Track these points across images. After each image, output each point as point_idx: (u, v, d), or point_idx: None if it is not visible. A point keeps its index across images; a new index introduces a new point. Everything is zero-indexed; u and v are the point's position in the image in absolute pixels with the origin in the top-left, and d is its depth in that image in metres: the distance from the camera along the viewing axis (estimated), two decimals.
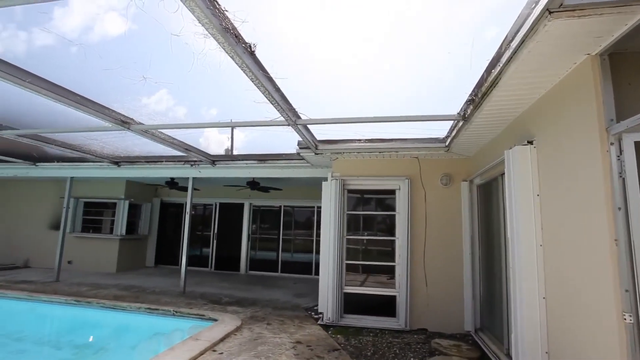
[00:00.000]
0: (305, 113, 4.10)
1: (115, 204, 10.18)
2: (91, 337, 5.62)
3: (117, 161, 7.73)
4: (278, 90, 3.45)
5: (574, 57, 2.40)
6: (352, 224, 5.86)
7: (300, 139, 5.11)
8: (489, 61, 2.79)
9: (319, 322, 5.37)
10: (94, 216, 10.56)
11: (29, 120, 5.06)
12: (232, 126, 4.84)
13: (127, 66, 3.36)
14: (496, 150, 4.08)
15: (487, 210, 4.82)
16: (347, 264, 5.65)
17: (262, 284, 8.66)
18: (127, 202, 10.11)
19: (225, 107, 4.40)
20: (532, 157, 3.14)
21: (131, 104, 4.32)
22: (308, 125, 4.62)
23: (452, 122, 4.29)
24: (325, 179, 5.88)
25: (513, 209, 3.18)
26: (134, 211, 10.57)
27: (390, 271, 5.62)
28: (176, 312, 5.65)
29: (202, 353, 3.84)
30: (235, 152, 6.72)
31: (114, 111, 4.37)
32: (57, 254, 8.30)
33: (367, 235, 5.94)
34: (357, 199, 6.00)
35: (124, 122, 4.60)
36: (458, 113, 3.84)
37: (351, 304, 5.53)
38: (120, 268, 9.95)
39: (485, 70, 2.93)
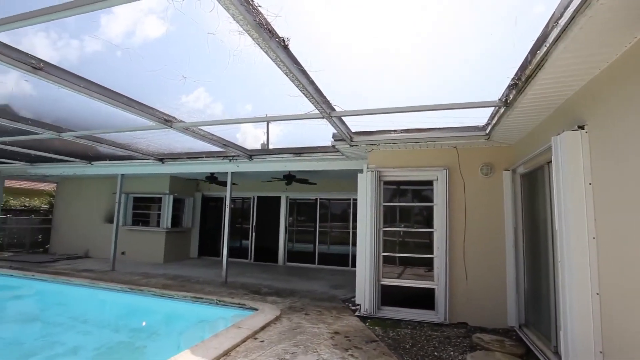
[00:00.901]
0: (339, 105, 4.09)
1: (160, 198, 10.81)
2: (144, 322, 6.05)
3: (161, 158, 8.18)
4: (312, 83, 3.46)
5: (634, 31, 2.18)
6: (389, 216, 5.80)
7: (335, 131, 5.10)
8: (534, 41, 2.61)
9: (356, 313, 5.39)
10: (143, 210, 11.28)
11: (84, 123, 5.48)
12: (268, 120, 4.94)
13: (167, 66, 3.53)
14: (541, 136, 3.84)
15: (531, 200, 4.56)
16: (384, 256, 5.61)
17: (300, 276, 8.83)
18: (171, 197, 10.70)
19: (260, 102, 4.49)
20: (583, 142, 2.91)
21: (172, 103, 4.54)
22: (343, 117, 4.60)
23: (492, 108, 4.08)
24: (361, 171, 5.84)
25: (562, 199, 2.98)
26: (177, 205, 11.17)
27: (428, 263, 5.51)
28: (219, 301, 5.93)
29: (244, 340, 4.01)
30: (271, 146, 6.86)
31: (157, 110, 4.62)
32: (112, 245, 8.99)
33: (404, 227, 5.85)
34: (393, 190, 5.91)
35: (167, 121, 4.84)
36: (499, 99, 3.64)
37: (388, 296, 5.50)
38: (167, 259, 10.59)
39: (530, 52, 2.74)
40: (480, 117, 4.46)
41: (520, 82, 3.08)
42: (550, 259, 3.74)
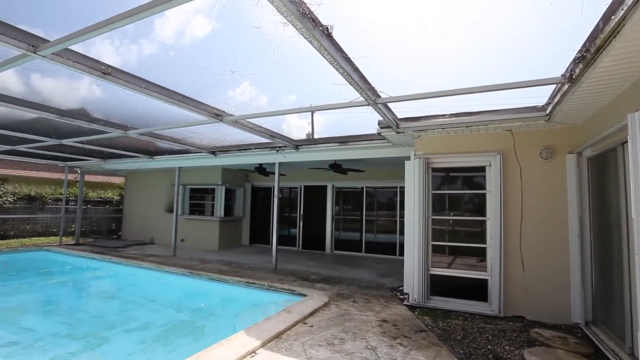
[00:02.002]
0: (384, 91, 4.01)
1: (214, 189, 11.46)
2: (202, 304, 6.52)
3: (213, 151, 8.64)
4: (356, 70, 3.42)
5: None
6: (437, 204, 5.60)
7: (381, 119, 5.01)
8: (608, 5, 2.32)
9: (405, 302, 5.34)
10: (198, 200, 12.05)
11: (145, 121, 5.95)
12: (312, 110, 4.98)
13: (216, 63, 3.69)
14: (614, 114, 3.44)
15: (601, 186, 4.14)
16: (432, 245, 5.46)
17: (347, 264, 8.91)
18: (223, 188, 11.29)
19: (304, 93, 4.54)
20: None
21: (221, 98, 4.76)
22: (388, 104, 4.50)
23: (554, 86, 3.74)
24: (408, 158, 5.69)
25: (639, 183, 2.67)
26: (229, 195, 11.76)
27: (480, 253, 5.26)
28: (270, 286, 6.20)
29: (294, 324, 4.17)
30: (316, 136, 6.92)
31: (208, 106, 4.87)
32: (172, 233, 9.75)
33: (453, 215, 5.62)
34: (442, 177, 5.69)
35: (217, 115, 5.09)
36: (562, 75, 3.32)
37: (438, 285, 5.36)
38: (221, 246, 11.25)
39: (602, 19, 2.45)
40: (538, 96, 4.11)
41: (589, 54, 2.78)
42: (624, 251, 3.39)
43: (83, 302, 6.82)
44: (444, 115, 4.98)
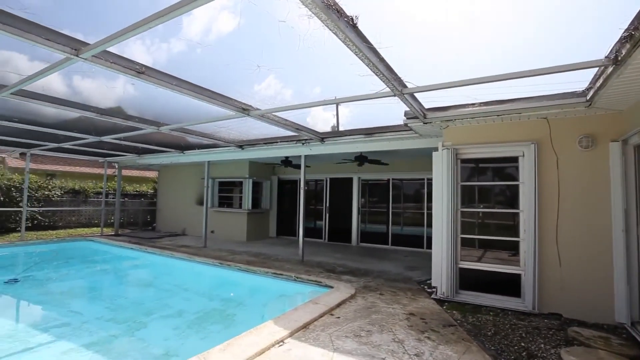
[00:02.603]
0: (411, 81, 3.92)
1: (241, 182, 11.73)
2: (232, 293, 6.75)
3: (241, 145, 8.83)
4: (382, 60, 3.37)
5: None
6: (467, 196, 5.44)
7: (407, 109, 4.92)
8: None
9: (433, 296, 5.27)
10: (227, 193, 12.39)
11: (176, 117, 6.15)
12: (337, 102, 4.96)
13: (242, 58, 3.75)
14: None
15: None
16: (462, 238, 5.33)
17: (373, 256, 8.89)
18: (251, 180, 11.53)
19: (329, 85, 4.53)
20: None
21: (247, 92, 4.83)
22: (415, 94, 4.41)
23: (595, 69, 3.50)
24: (436, 149, 5.56)
25: None
26: (256, 188, 12.00)
27: (512, 247, 5.08)
28: (297, 277, 6.30)
29: (321, 315, 4.23)
30: (341, 128, 6.89)
31: (235, 100, 4.97)
32: (203, 225, 10.10)
33: (484, 207, 5.45)
34: (471, 169, 5.51)
35: (244, 109, 5.19)
36: (606, 56, 3.10)
37: (467, 279, 5.24)
38: (249, 237, 11.54)
39: None
40: (577, 81, 3.87)
41: (638, 32, 2.58)
42: None
43: (123, 289, 7.25)
44: (473, 104, 4.81)
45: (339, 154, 8.61)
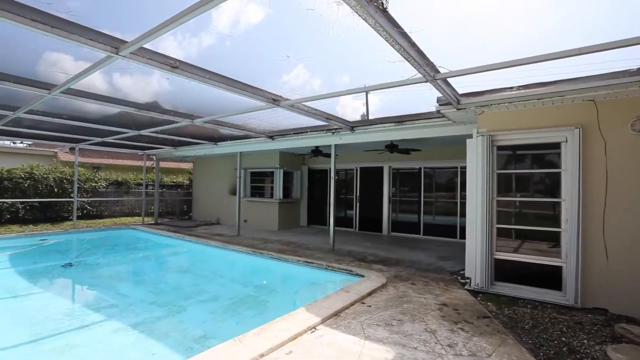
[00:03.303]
0: (444, 66, 3.78)
1: (272, 172, 11.93)
2: (265, 281, 6.95)
3: (271, 135, 8.95)
4: (413, 45, 3.27)
5: None
6: (503, 185, 5.22)
7: (440, 95, 4.76)
8: None
9: (466, 287, 5.15)
10: (258, 183, 12.66)
11: (209, 109, 6.33)
12: (367, 91, 4.89)
13: (271, 49, 3.77)
14: None
15: None
16: (497, 228, 5.14)
17: (404, 246, 8.79)
18: (281, 171, 11.70)
19: (358, 73, 4.46)
20: None
21: (276, 83, 4.87)
22: (448, 79, 4.25)
23: None
24: (470, 136, 5.36)
25: None
26: (287, 178, 12.17)
27: (552, 238, 4.83)
28: (328, 266, 6.38)
29: (352, 304, 4.27)
30: (370, 117, 6.80)
31: (266, 91, 5.03)
32: (236, 214, 10.42)
33: (521, 196, 5.20)
34: (507, 156, 5.26)
35: (275, 100, 5.24)
36: None
37: (503, 271, 5.06)
38: (280, 226, 11.77)
39: None
40: (629, 59, 3.55)
41: None
42: None
43: (163, 274, 7.68)
44: (511, 87, 4.56)
45: (369, 143, 8.52)
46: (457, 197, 9.77)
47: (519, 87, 4.50)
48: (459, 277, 5.67)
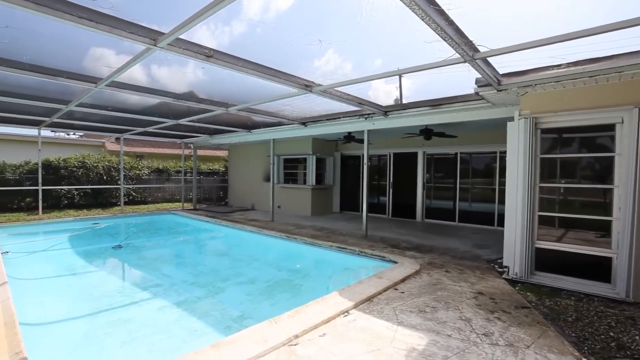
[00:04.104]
0: (484, 44, 3.57)
1: (305, 158, 12.02)
2: (298, 265, 7.11)
3: (304, 122, 8.98)
4: (451, 23, 3.12)
5: None
6: (546, 170, 4.91)
7: (479, 76, 4.52)
8: None
9: (504, 276, 4.98)
10: (291, 170, 12.83)
11: (242, 97, 6.45)
12: (400, 74, 4.74)
13: (301, 33, 3.74)
14: None
15: None
16: (539, 216, 4.88)
17: (439, 233, 8.60)
18: (314, 157, 11.76)
19: (390, 56, 4.33)
20: None
21: (308, 68, 4.85)
22: (488, 58, 4.02)
23: None
24: (511, 119, 5.07)
25: None
26: (320, 164, 12.23)
27: (602, 227, 4.51)
28: (361, 252, 6.40)
29: (385, 289, 4.28)
30: (404, 101, 6.62)
31: (298, 77, 5.03)
32: (270, 200, 10.66)
33: (566, 183, 4.87)
34: (552, 139, 4.93)
35: (307, 86, 5.23)
36: None
37: (544, 260, 4.83)
38: (313, 212, 11.91)
39: None
40: None
41: None
42: None
43: (202, 257, 8.08)
44: (559, 65, 4.24)
45: (403, 128, 8.31)
46: (495, 184, 9.35)
47: (568, 64, 4.17)
48: (496, 266, 5.49)
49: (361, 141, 8.62)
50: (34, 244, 8.19)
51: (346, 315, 3.53)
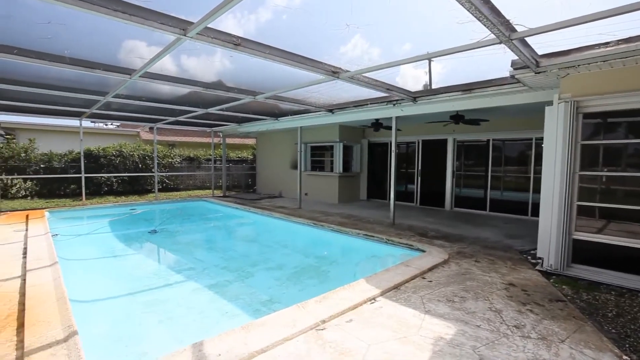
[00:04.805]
0: (522, 23, 3.37)
1: (332, 146, 11.99)
2: (325, 252, 7.19)
3: (331, 109, 8.92)
4: (487, 2, 2.97)
5: None
6: (587, 158, 4.62)
7: (515, 58, 4.28)
8: None
9: (537, 267, 4.79)
10: (318, 157, 12.85)
11: (269, 85, 6.48)
12: (430, 58, 4.57)
13: (327, 18, 3.68)
14: None
15: None
16: (578, 206, 4.62)
17: (468, 222, 8.38)
18: (341, 144, 11.70)
19: (419, 40, 4.18)
20: None
21: (334, 54, 4.78)
22: (526, 38, 3.78)
23: None
24: (549, 103, 4.78)
25: None
26: (347, 152, 12.16)
27: None
28: (388, 240, 6.36)
29: (412, 278, 4.25)
30: (433, 86, 6.40)
31: (325, 64, 4.97)
32: (297, 187, 10.77)
33: (608, 171, 4.55)
34: (595, 125, 4.60)
35: (334, 72, 5.17)
36: None
37: (582, 252, 4.59)
38: (340, 200, 11.92)
39: None
40: None
41: None
42: None
43: (232, 242, 8.35)
44: (607, 43, 3.92)
45: (433, 114, 8.06)
46: (529, 172, 8.92)
47: (618, 42, 3.85)
48: (529, 257, 5.29)
49: (389, 128, 8.47)
50: (79, 228, 8.79)
51: (373, 302, 3.55)
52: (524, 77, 4.87)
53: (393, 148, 7.93)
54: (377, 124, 9.65)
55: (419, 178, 11.37)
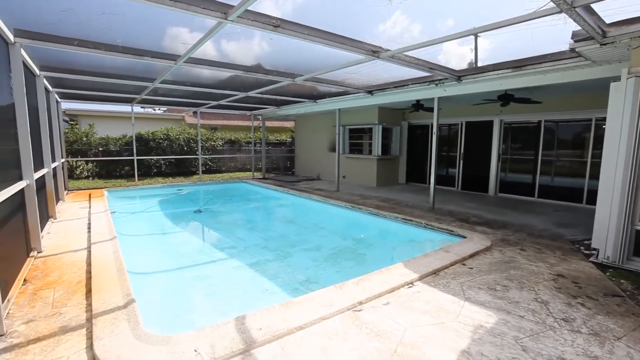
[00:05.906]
0: None
1: (371, 128, 11.78)
2: (362, 235, 7.19)
3: (370, 90, 8.72)
4: None
5: None
6: None
7: (577, 29, 3.88)
8: None
9: (591, 259, 4.46)
10: (356, 140, 12.70)
11: (308, 67, 6.42)
12: (477, 33, 4.27)
13: None
14: None
15: None
16: None
17: (514, 208, 7.94)
18: (380, 127, 11.46)
19: (463, 14, 3.91)
20: None
21: (374, 33, 4.60)
22: (592, 4, 3.39)
23: None
24: (616, 79, 4.31)
25: None
26: (386, 134, 11.89)
27: None
28: (427, 224, 6.23)
29: (452, 264, 4.15)
30: (479, 64, 6.01)
31: (365, 43, 4.83)
32: (335, 170, 10.78)
33: None
34: None
35: (374, 52, 5.01)
36: None
37: None
38: (378, 183, 11.79)
39: None
40: None
41: None
42: None
43: (272, 223, 8.61)
44: None
45: (478, 94, 7.61)
46: (586, 156, 8.19)
47: None
48: (581, 248, 4.94)
49: (430, 109, 8.14)
50: (133, 206, 9.51)
51: (410, 287, 3.52)
52: (586, 49, 4.41)
53: (434, 130, 7.63)
54: (417, 105, 9.29)
55: (461, 161, 10.90)
